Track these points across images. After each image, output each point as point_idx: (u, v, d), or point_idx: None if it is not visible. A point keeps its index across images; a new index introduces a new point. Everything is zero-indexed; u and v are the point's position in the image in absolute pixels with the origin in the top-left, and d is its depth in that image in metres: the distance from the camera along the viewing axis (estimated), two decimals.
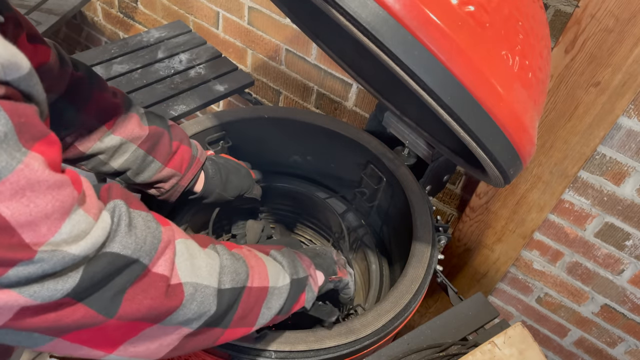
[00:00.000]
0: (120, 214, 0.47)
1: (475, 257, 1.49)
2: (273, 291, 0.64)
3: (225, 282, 0.56)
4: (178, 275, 0.51)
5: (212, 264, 0.55)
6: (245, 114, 1.15)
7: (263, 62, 1.73)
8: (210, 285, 0.54)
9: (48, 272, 0.40)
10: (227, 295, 0.56)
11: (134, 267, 0.47)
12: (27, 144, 0.38)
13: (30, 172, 0.37)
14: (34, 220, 0.38)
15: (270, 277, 0.64)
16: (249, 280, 0.60)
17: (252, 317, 0.62)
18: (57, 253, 0.40)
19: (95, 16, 2.22)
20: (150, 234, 0.49)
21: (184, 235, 0.55)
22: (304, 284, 0.71)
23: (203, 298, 0.53)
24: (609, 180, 1.19)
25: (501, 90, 0.55)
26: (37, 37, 0.68)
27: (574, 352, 1.56)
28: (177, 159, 0.88)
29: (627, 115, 1.09)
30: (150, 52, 1.39)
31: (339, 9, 0.48)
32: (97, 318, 0.45)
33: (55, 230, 0.39)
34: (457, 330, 0.87)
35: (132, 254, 0.46)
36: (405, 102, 0.96)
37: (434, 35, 0.49)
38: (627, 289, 1.32)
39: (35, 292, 0.40)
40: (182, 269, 0.51)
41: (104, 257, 0.44)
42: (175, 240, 0.52)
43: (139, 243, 0.47)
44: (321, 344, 0.77)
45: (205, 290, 0.53)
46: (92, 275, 0.43)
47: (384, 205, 1.19)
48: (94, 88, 0.79)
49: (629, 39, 0.96)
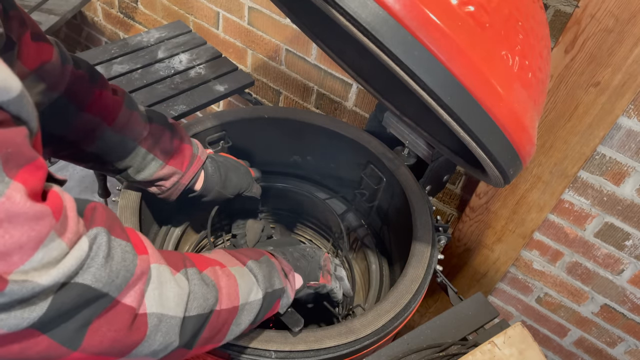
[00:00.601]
0: (100, 244, 0.46)
1: (475, 257, 1.49)
2: (243, 307, 0.64)
3: (192, 310, 0.55)
4: (145, 306, 0.50)
5: (180, 293, 0.54)
6: (245, 114, 1.15)
7: (263, 62, 1.73)
8: (176, 316, 0.53)
9: (16, 300, 0.39)
10: (193, 323, 0.56)
11: (103, 300, 0.46)
12: (10, 173, 0.38)
13: (11, 204, 0.37)
14: (7, 250, 0.38)
15: (242, 294, 0.64)
16: (217, 304, 0.59)
17: (220, 336, 0.62)
18: (27, 284, 0.39)
19: (95, 16, 2.22)
20: (125, 268, 0.48)
21: (158, 259, 0.54)
22: (278, 294, 0.72)
23: (168, 329, 0.52)
24: (609, 180, 1.20)
25: (501, 90, 0.55)
26: (40, 36, 0.68)
27: (574, 352, 1.56)
28: (178, 157, 0.88)
29: (627, 115, 1.09)
30: (151, 52, 1.39)
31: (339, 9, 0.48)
32: (61, 350, 0.44)
33: (26, 258, 0.39)
34: (457, 330, 0.87)
35: (103, 287, 0.45)
36: (405, 102, 0.96)
37: (433, 35, 0.49)
38: (627, 289, 1.32)
39: (1, 320, 0.39)
40: (149, 299, 0.51)
41: (74, 287, 0.43)
42: (148, 269, 0.51)
43: (112, 277, 0.46)
44: (321, 343, 0.77)
45: (170, 321, 0.53)
46: (60, 305, 0.42)
47: (384, 205, 1.19)
48: (95, 86, 0.78)
49: (629, 39, 0.96)
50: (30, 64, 0.66)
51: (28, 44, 0.65)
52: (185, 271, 0.57)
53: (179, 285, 0.54)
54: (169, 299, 0.52)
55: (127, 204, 0.91)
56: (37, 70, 0.67)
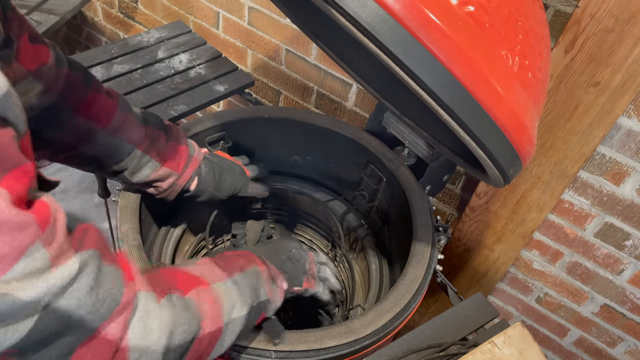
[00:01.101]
0: (90, 268, 0.45)
1: (475, 257, 1.49)
2: (227, 327, 0.63)
3: (175, 339, 0.54)
4: (127, 339, 0.48)
5: (164, 323, 0.52)
6: (245, 114, 1.15)
7: (263, 62, 1.73)
8: (157, 350, 0.51)
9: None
10: (176, 353, 0.54)
11: (86, 328, 0.44)
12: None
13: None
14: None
15: (225, 313, 0.63)
16: (200, 331, 0.58)
17: (204, 356, 0.61)
18: (7, 297, 0.37)
19: (95, 16, 2.22)
20: (111, 296, 0.46)
21: (145, 285, 0.52)
22: (263, 306, 0.71)
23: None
24: (609, 180, 1.20)
25: (501, 91, 0.55)
26: (37, 38, 0.68)
27: (574, 352, 1.56)
28: (174, 159, 0.88)
29: (626, 115, 1.09)
30: (151, 52, 1.39)
31: (339, 9, 0.48)
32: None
33: (7, 268, 0.38)
34: (457, 330, 0.87)
35: (87, 314, 0.44)
36: (405, 102, 0.96)
37: (433, 35, 0.49)
38: (627, 288, 1.32)
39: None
40: (133, 331, 0.49)
41: (57, 311, 0.41)
42: (135, 297, 0.50)
43: (97, 305, 0.45)
44: (321, 343, 0.77)
45: (152, 355, 0.51)
46: (43, 328, 0.40)
47: (384, 206, 1.19)
48: (89, 89, 0.78)
49: (629, 39, 0.96)
50: (29, 65, 0.66)
51: (26, 46, 0.65)
52: (169, 297, 0.55)
53: (163, 314, 0.52)
54: (153, 330, 0.51)
55: (127, 204, 0.91)
56: (35, 72, 0.67)
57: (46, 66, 0.69)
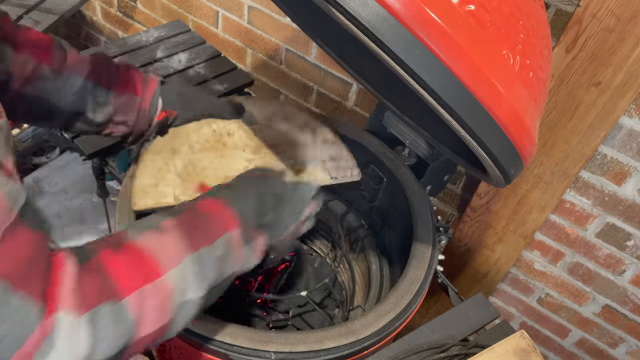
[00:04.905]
0: None
1: (476, 258, 1.48)
2: (175, 318, 0.56)
3: (96, 357, 0.47)
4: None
5: (74, 352, 0.45)
6: None
7: (263, 61, 1.73)
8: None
9: None
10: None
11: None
12: None
13: None
14: None
15: (174, 305, 0.55)
16: (135, 337, 0.51)
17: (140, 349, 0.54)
18: None
19: (94, 15, 2.22)
20: (15, 337, 0.40)
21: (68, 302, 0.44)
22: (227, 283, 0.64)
23: None
24: (610, 181, 1.19)
25: (502, 90, 0.55)
26: None
27: (575, 353, 1.55)
28: (129, 83, 0.84)
29: (628, 115, 1.09)
30: (150, 51, 1.38)
31: (339, 8, 0.48)
32: None
33: None
34: (458, 330, 0.87)
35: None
36: (405, 101, 0.96)
37: (434, 34, 0.49)
38: (629, 289, 1.32)
39: None
40: (37, 356, 0.42)
41: None
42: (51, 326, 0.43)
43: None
44: (321, 344, 0.77)
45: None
46: None
47: (385, 206, 1.18)
48: (19, 28, 0.76)
49: (630, 39, 0.96)
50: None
51: None
52: (95, 312, 0.47)
53: (78, 340, 0.45)
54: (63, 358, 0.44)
55: (125, 204, 0.91)
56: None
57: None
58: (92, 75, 0.80)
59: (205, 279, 0.59)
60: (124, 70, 0.85)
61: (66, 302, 0.44)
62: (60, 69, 0.78)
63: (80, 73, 0.79)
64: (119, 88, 0.83)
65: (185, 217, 0.61)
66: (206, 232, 0.61)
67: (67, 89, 0.79)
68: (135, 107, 0.84)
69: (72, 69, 0.79)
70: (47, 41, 0.78)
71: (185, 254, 0.57)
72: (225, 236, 0.62)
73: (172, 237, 0.58)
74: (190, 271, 0.57)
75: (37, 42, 0.77)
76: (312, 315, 1.09)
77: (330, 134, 1.02)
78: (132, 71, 0.85)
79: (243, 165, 0.86)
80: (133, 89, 0.84)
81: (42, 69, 0.76)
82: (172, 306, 0.55)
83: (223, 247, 0.62)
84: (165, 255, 0.55)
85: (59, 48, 0.79)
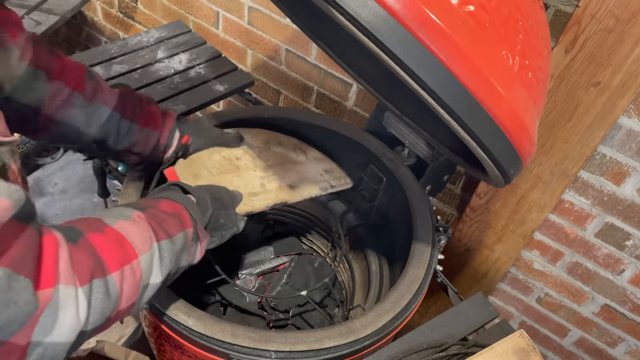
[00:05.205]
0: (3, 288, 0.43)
1: (475, 257, 1.48)
2: (141, 297, 0.62)
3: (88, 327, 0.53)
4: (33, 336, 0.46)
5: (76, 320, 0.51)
6: (245, 113, 1.15)
7: (263, 62, 1.73)
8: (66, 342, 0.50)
9: None
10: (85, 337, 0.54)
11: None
12: None
13: None
14: None
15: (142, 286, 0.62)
16: (114, 311, 0.57)
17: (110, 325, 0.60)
18: None
19: (95, 16, 2.22)
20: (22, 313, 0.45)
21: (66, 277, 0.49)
22: (180, 272, 0.72)
23: (54, 354, 0.50)
24: (609, 180, 1.19)
25: (501, 90, 0.55)
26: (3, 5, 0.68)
27: (574, 353, 1.56)
28: (151, 118, 0.89)
29: (627, 115, 1.09)
30: (150, 52, 1.39)
31: (339, 8, 0.48)
32: None
33: None
34: (457, 330, 0.87)
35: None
36: (405, 102, 0.96)
37: (434, 35, 0.49)
38: (628, 289, 1.32)
39: None
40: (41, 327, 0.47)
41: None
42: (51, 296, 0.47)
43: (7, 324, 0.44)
44: (321, 344, 0.77)
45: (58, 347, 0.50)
46: None
47: (384, 206, 1.19)
48: (53, 55, 0.78)
49: (629, 39, 0.96)
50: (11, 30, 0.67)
51: None
52: (90, 285, 0.53)
53: (78, 307, 0.51)
54: (63, 325, 0.49)
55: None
56: None
57: (24, 32, 0.70)
58: (119, 106, 0.85)
59: (165, 267, 0.66)
60: (147, 104, 0.90)
61: (64, 276, 0.49)
62: (92, 99, 0.82)
63: (109, 104, 0.84)
64: (142, 122, 0.88)
65: (151, 212, 0.69)
66: (169, 228, 0.68)
67: (96, 118, 0.83)
68: (153, 141, 0.90)
69: (101, 100, 0.83)
70: (80, 70, 0.82)
71: (152, 243, 0.64)
72: (183, 232, 0.70)
73: (142, 227, 0.64)
74: (155, 259, 0.64)
75: (71, 71, 0.80)
76: (312, 314, 1.09)
77: (318, 153, 1.15)
78: (153, 106, 0.91)
79: (258, 182, 1.01)
80: (154, 124, 0.90)
81: (74, 97, 0.80)
82: (140, 287, 0.62)
83: (181, 242, 0.70)
84: (138, 241, 0.62)
85: (90, 77, 0.83)
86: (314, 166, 1.11)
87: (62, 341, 0.50)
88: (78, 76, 0.80)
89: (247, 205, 0.94)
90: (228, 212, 0.86)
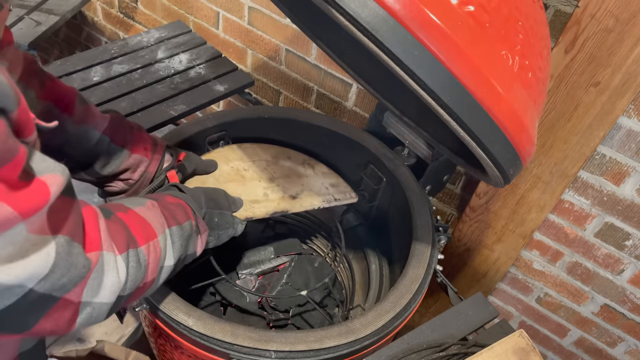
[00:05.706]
0: (63, 255, 0.48)
1: (475, 257, 1.49)
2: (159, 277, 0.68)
3: (125, 292, 0.59)
4: (82, 296, 0.52)
5: (117, 281, 0.57)
6: (245, 114, 1.15)
7: (263, 62, 1.73)
8: (109, 302, 0.56)
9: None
10: (121, 302, 0.59)
11: (53, 303, 0.49)
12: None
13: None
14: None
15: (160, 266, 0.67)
16: (142, 282, 0.63)
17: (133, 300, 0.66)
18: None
19: (95, 16, 2.22)
20: (78, 275, 0.50)
21: (107, 244, 0.56)
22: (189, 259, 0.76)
23: (98, 314, 0.56)
24: (609, 180, 1.20)
25: (501, 90, 0.55)
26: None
27: (574, 352, 1.56)
28: (141, 145, 0.88)
29: (627, 115, 1.09)
30: (151, 52, 1.39)
31: (339, 9, 0.48)
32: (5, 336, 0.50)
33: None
34: (457, 330, 0.87)
35: (56, 293, 0.49)
36: (405, 102, 0.96)
37: (433, 35, 0.49)
38: (627, 289, 1.32)
39: None
40: (88, 288, 0.53)
41: (35, 293, 0.46)
42: (97, 261, 0.53)
43: (67, 285, 0.49)
44: (321, 343, 0.77)
45: (101, 307, 0.56)
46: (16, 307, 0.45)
47: (384, 206, 1.19)
48: (44, 75, 0.78)
49: (629, 39, 0.96)
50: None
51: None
52: (127, 254, 0.59)
53: (119, 272, 0.57)
54: (106, 287, 0.55)
55: None
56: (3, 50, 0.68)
57: (12, 46, 0.69)
58: (108, 131, 0.84)
59: (177, 251, 0.71)
60: (137, 130, 0.89)
61: (105, 244, 0.55)
62: (81, 122, 0.81)
63: (98, 128, 0.83)
64: (133, 148, 0.87)
65: (161, 202, 0.73)
66: (177, 216, 0.73)
67: (84, 142, 0.82)
68: (143, 167, 0.89)
69: (91, 124, 0.83)
70: (72, 93, 0.81)
71: (165, 227, 0.69)
72: (188, 222, 0.75)
73: (156, 212, 0.69)
74: (168, 242, 0.69)
75: (63, 93, 0.80)
76: (312, 314, 1.09)
77: (326, 168, 1.17)
78: (144, 133, 0.91)
79: (262, 192, 1.04)
80: (144, 151, 0.89)
81: (64, 120, 0.79)
82: (158, 266, 0.67)
83: (188, 229, 0.74)
84: (155, 224, 0.68)
85: (81, 102, 0.82)
86: (320, 180, 1.14)
87: (105, 301, 0.56)
88: (69, 98, 0.80)
89: (247, 211, 0.96)
90: (223, 212, 0.86)
